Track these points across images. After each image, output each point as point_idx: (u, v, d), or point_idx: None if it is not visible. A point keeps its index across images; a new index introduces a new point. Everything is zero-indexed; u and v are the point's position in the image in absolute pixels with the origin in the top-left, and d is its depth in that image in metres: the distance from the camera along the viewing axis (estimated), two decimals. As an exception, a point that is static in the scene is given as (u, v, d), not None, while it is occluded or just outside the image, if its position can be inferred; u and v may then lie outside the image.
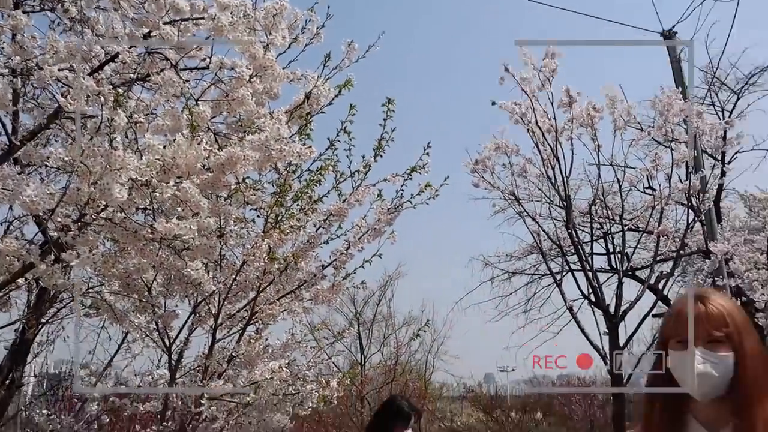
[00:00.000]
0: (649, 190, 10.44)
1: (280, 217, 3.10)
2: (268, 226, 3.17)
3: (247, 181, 3.27)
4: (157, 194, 2.55)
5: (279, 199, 3.07)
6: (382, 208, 3.51)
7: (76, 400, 5.60)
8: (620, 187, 7.77)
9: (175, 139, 2.53)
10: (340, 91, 3.37)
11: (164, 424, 3.83)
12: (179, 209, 2.73)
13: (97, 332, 4.89)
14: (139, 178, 2.47)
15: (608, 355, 6.75)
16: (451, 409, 17.82)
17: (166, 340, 3.87)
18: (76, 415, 4.68)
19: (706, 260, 8.99)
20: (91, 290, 4.06)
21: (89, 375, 4.77)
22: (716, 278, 8.04)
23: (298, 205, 3.22)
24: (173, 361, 3.84)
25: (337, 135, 3.48)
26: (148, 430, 4.10)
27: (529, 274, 12.96)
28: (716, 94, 11.84)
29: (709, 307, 1.55)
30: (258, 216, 3.38)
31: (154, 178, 2.50)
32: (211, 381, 3.41)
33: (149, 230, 2.69)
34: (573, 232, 7.20)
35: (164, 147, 2.53)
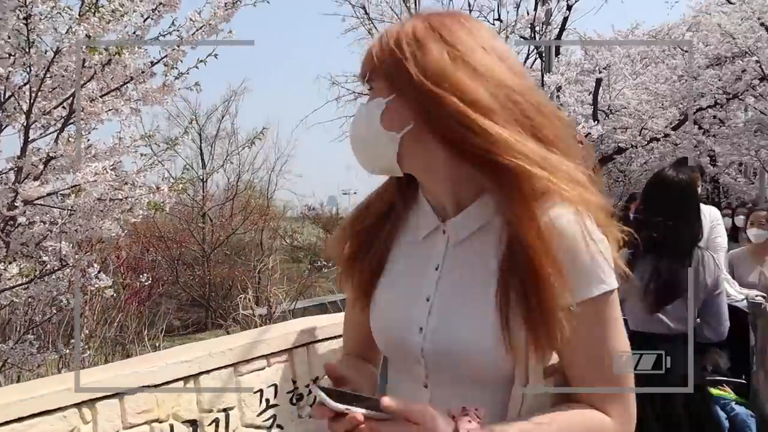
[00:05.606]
0: (497, 21, 10.62)
1: (98, -3, 2.70)
2: (84, 8, 2.76)
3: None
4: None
5: (96, -25, 2.64)
6: (219, 2, 3.19)
7: None
8: (470, 11, 7.77)
9: None
10: None
11: (-25, 230, 3.52)
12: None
13: None
14: None
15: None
16: (293, 227, 18.42)
17: (-31, 140, 3.45)
18: None
19: (540, 94, 9.54)
20: None
21: None
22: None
23: (120, -14, 2.81)
24: (-21, 164, 3.46)
25: None
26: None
27: (376, 97, 13.04)
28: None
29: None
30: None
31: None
32: (26, 183, 3.11)
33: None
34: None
35: None
